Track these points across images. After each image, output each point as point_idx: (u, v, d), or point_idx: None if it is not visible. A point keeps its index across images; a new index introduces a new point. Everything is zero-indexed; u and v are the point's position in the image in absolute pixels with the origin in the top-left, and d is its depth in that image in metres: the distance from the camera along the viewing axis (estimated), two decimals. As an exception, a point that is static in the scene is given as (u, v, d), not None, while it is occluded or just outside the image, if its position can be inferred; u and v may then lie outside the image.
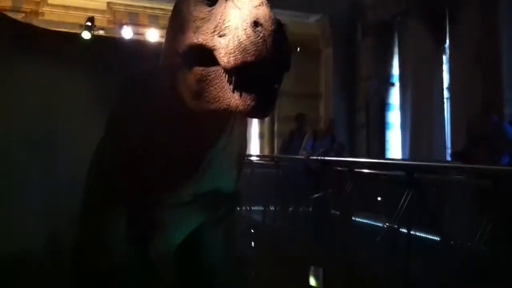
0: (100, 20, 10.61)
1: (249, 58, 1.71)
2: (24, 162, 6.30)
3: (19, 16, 10.49)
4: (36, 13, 11.19)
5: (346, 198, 5.09)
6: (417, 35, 10.29)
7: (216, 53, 1.82)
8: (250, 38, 1.72)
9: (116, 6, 11.62)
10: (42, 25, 8.92)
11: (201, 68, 1.92)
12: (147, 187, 2.50)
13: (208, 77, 1.90)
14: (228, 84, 1.83)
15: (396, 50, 11.56)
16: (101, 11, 11.33)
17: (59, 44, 7.40)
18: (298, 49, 11.68)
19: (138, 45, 8.31)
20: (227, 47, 1.77)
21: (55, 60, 6.96)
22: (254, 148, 13.58)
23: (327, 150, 7.01)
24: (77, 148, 5.18)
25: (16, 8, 11.04)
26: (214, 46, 1.85)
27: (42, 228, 5.92)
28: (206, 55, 1.88)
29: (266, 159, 8.81)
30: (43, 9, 11.23)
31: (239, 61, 1.73)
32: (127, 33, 9.93)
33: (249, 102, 1.77)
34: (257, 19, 1.74)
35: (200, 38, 1.93)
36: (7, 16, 7.75)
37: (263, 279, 5.02)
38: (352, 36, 12.28)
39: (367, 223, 5.01)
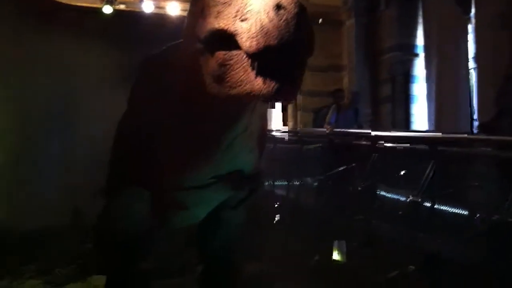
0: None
1: (271, 42, 1.68)
2: (47, 137, 6.42)
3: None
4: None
5: (369, 171, 5.06)
6: (441, 4, 10.06)
7: (238, 38, 1.79)
8: (273, 21, 1.68)
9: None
10: (63, 0, 8.93)
11: (223, 53, 1.88)
12: (168, 168, 2.50)
13: (230, 62, 1.87)
14: (250, 68, 1.79)
15: (420, 20, 11.31)
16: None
17: (81, 19, 7.43)
18: (320, 20, 11.53)
19: (159, 19, 8.31)
20: (249, 31, 1.73)
21: (77, 35, 7.00)
22: (277, 121, 13.53)
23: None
24: (98, 124, 5.25)
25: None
26: (236, 30, 1.81)
27: (66, 203, 6.08)
28: (227, 40, 1.85)
29: (290, 133, 8.75)
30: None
31: (261, 45, 1.70)
32: (147, 7, 9.88)
33: (272, 87, 1.74)
34: (279, 2, 1.69)
35: (221, 22, 1.89)
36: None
37: (287, 252, 5.05)
38: (374, 6, 12.05)
39: (391, 197, 4.96)
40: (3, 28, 5.86)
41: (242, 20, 1.81)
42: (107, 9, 7.73)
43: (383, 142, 5.37)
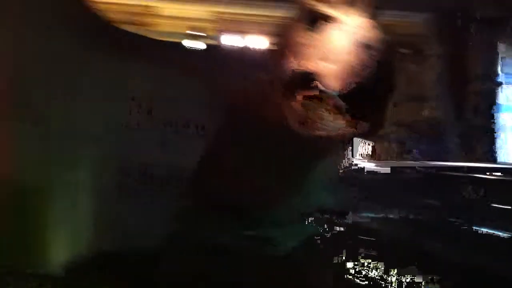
0: (205, 28, 10.92)
1: (358, 82, 1.67)
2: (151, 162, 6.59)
3: (129, 28, 11.04)
4: (146, 24, 11.72)
5: (462, 205, 4.88)
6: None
7: (322, 78, 1.79)
8: (358, 61, 1.68)
9: (221, 15, 11.91)
10: (151, 36, 9.35)
11: (307, 93, 1.89)
12: (249, 201, 2.51)
13: (314, 102, 1.87)
14: (335, 108, 1.79)
15: (510, 47, 10.95)
16: (206, 20, 11.66)
17: (167, 53, 7.75)
18: (404, 50, 11.38)
19: (242, 53, 8.49)
20: (333, 71, 1.73)
21: (163, 69, 7.27)
22: (362, 151, 13.32)
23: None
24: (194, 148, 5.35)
25: (127, 20, 11.64)
26: (319, 70, 1.82)
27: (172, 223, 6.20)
28: (311, 80, 1.86)
29: (378, 165, 8.62)
30: (152, 20, 11.75)
31: (347, 85, 1.69)
32: (231, 40, 10.13)
33: (359, 125, 1.73)
34: (365, 42, 1.69)
35: (304, 63, 1.92)
36: (118, 27, 8.19)
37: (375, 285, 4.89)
38: (461, 34, 11.76)
39: (488, 231, 4.74)
40: (98, 60, 6.18)
41: (325, 60, 1.80)
42: (193, 44, 8.00)
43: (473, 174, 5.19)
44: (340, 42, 1.77)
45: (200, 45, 8.59)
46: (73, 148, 5.26)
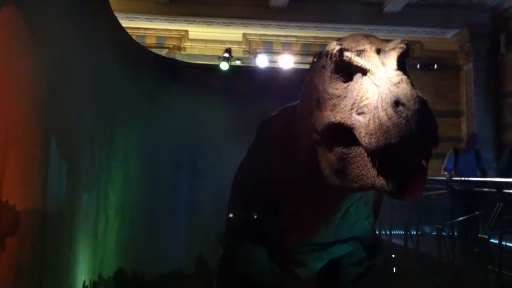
0: (236, 50, 11.07)
1: (392, 140, 1.62)
2: (175, 187, 6.79)
3: (163, 52, 11.27)
4: (179, 48, 11.95)
5: (495, 221, 4.76)
6: None
7: (356, 132, 1.75)
8: (392, 119, 1.63)
9: (251, 36, 12.05)
10: (184, 59, 9.52)
11: (342, 147, 1.87)
12: (286, 229, 2.54)
13: (349, 156, 1.83)
14: (370, 164, 1.75)
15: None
16: (237, 42, 11.82)
17: (200, 76, 7.89)
18: (435, 66, 11.26)
19: (273, 72, 8.58)
20: (368, 126, 1.70)
21: (197, 91, 7.42)
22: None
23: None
24: (219, 174, 5.45)
25: (160, 44, 11.88)
26: (353, 124, 1.78)
27: (190, 247, 6.37)
28: (345, 133, 1.83)
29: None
30: (185, 44, 11.97)
31: (381, 143, 1.65)
32: (262, 61, 10.23)
33: (396, 186, 1.68)
34: (397, 98, 1.65)
35: (338, 116, 1.89)
36: (153, 52, 8.38)
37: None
38: (494, 49, 11.59)
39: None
40: (143, 86, 6.39)
41: (358, 114, 1.79)
42: (224, 66, 8.09)
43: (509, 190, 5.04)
44: (371, 96, 1.74)
45: (233, 66, 8.69)
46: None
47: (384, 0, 11.15)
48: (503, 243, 4.60)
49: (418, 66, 11.18)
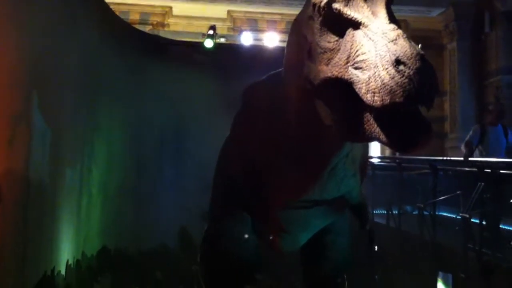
0: (220, 28, 10.96)
1: (397, 100, 1.60)
2: (159, 163, 6.81)
3: (146, 28, 11.13)
4: (162, 25, 11.81)
5: (476, 200, 4.80)
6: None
7: (356, 87, 1.71)
8: (395, 78, 1.60)
9: (236, 14, 11.95)
10: (168, 36, 9.42)
11: (344, 102, 1.84)
12: (273, 191, 2.55)
13: (348, 110, 1.81)
14: (372, 119, 1.74)
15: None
16: (222, 19, 11.70)
17: (184, 53, 7.85)
18: (420, 45, 11.26)
19: (258, 50, 8.53)
20: (368, 84, 1.67)
21: (181, 68, 7.40)
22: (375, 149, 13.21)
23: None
24: (203, 150, 5.46)
25: (144, 21, 11.74)
26: (351, 78, 1.75)
27: (175, 224, 6.42)
28: (342, 86, 1.80)
29: (389, 160, 8.52)
30: (168, 20, 11.84)
31: (386, 102, 1.63)
32: (246, 39, 10.14)
33: (402, 139, 1.67)
34: (398, 57, 1.62)
35: (334, 71, 1.85)
36: (136, 28, 8.31)
37: (388, 284, 4.90)
38: (479, 28, 11.62)
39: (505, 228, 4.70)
40: (127, 62, 6.34)
41: (356, 68, 1.76)
42: (209, 43, 8.01)
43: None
44: (368, 51, 1.70)
45: (217, 44, 8.60)
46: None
47: (370, -22, 11.08)
48: (483, 222, 4.66)
49: (403, 45, 11.17)
